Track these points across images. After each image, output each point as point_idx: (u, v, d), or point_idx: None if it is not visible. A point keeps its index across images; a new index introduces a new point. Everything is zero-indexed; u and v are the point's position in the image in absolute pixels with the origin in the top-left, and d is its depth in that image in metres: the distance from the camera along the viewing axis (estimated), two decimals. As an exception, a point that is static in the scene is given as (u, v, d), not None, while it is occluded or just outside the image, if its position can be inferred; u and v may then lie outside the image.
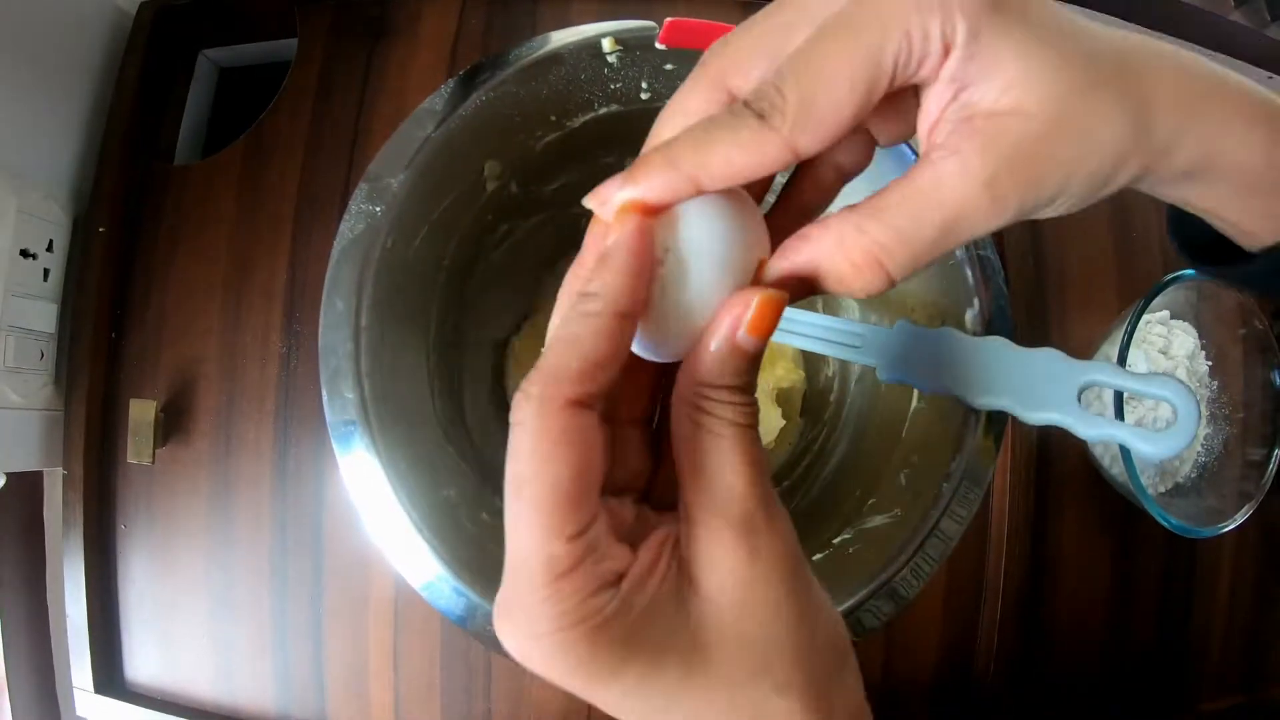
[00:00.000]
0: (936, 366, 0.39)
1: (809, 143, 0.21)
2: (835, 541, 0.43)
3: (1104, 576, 0.56)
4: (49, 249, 0.55)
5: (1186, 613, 0.57)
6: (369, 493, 0.39)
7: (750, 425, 0.23)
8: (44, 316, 0.55)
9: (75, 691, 0.53)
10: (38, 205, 0.53)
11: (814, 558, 0.43)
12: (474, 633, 0.39)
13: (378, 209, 0.41)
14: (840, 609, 0.38)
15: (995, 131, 0.21)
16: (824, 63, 0.21)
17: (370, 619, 0.55)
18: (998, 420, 0.40)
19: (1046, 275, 0.58)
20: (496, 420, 0.54)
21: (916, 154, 0.30)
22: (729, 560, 0.22)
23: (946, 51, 0.21)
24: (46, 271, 0.55)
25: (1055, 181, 0.22)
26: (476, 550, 0.42)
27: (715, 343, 0.23)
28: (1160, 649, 0.56)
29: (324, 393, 0.40)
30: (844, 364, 0.54)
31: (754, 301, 0.22)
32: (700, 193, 0.22)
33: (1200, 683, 0.57)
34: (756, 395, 0.24)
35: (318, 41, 0.60)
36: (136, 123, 0.58)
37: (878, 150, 0.26)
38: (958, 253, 0.42)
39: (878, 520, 0.42)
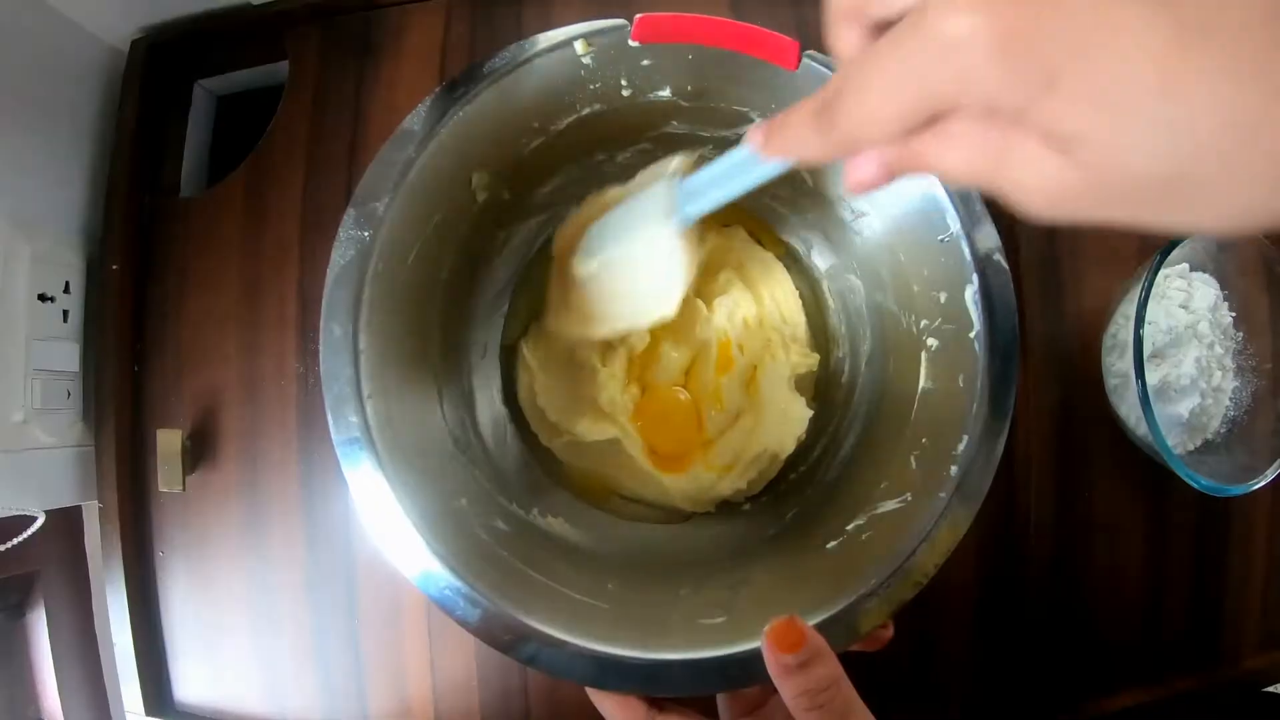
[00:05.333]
0: None
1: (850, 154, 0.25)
2: (849, 528, 0.43)
3: (1137, 539, 0.55)
4: (66, 291, 0.56)
5: (1223, 570, 0.55)
6: (378, 512, 0.40)
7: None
8: (67, 356, 0.56)
9: (127, 715, 0.56)
10: (51, 250, 0.55)
11: (827, 546, 0.43)
12: (489, 641, 0.39)
13: (366, 234, 0.41)
14: (854, 597, 0.38)
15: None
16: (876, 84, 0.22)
17: (405, 626, 0.56)
18: (1003, 400, 0.40)
19: (1058, 231, 0.56)
20: (510, 424, 0.55)
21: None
22: None
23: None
24: (66, 313, 0.56)
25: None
26: (490, 560, 0.42)
27: (772, 673, 0.33)
28: (1199, 608, 0.55)
29: (329, 418, 0.41)
30: (854, 345, 0.54)
31: (766, 630, 0.34)
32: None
33: (1241, 639, 0.55)
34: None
35: (308, 63, 0.60)
36: (140, 159, 0.60)
37: None
38: (953, 228, 0.41)
39: (889, 505, 0.42)
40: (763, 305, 0.55)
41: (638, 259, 0.39)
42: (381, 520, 0.40)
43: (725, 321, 0.54)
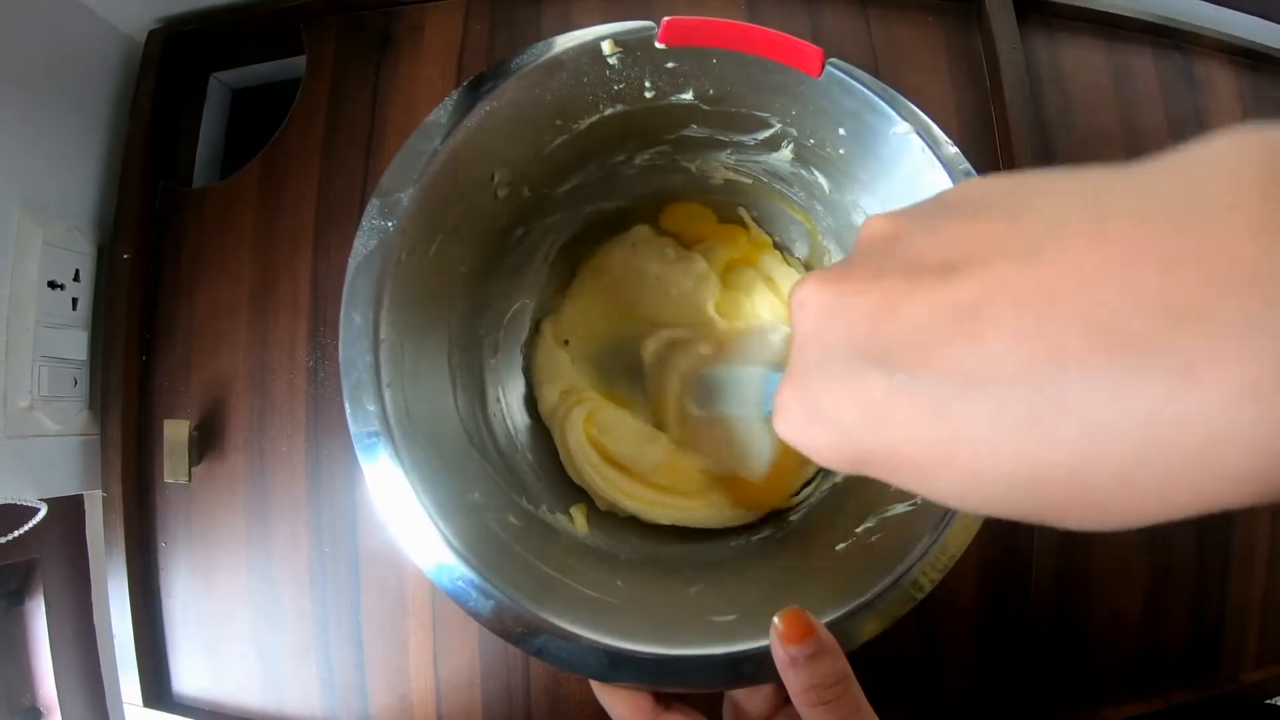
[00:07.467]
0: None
1: None
2: (858, 530, 0.43)
3: (1138, 549, 0.56)
4: (76, 278, 0.56)
5: (1223, 583, 0.56)
6: (394, 502, 0.40)
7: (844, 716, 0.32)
8: (75, 344, 0.56)
9: (125, 706, 0.55)
10: (62, 237, 0.55)
11: (837, 548, 0.43)
12: (500, 633, 0.39)
13: (389, 224, 0.41)
14: (860, 600, 0.38)
15: None
16: None
17: (409, 622, 0.56)
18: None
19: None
20: (522, 422, 0.55)
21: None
22: None
23: None
24: (75, 301, 0.56)
25: None
26: (503, 553, 0.42)
27: (779, 665, 0.33)
28: (1199, 620, 0.56)
29: (347, 406, 0.41)
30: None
31: (775, 621, 0.33)
32: None
33: (1241, 652, 0.56)
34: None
35: (326, 57, 0.61)
36: (154, 149, 0.60)
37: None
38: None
39: (899, 508, 0.42)
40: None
41: (738, 425, 0.48)
42: (397, 510, 0.40)
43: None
